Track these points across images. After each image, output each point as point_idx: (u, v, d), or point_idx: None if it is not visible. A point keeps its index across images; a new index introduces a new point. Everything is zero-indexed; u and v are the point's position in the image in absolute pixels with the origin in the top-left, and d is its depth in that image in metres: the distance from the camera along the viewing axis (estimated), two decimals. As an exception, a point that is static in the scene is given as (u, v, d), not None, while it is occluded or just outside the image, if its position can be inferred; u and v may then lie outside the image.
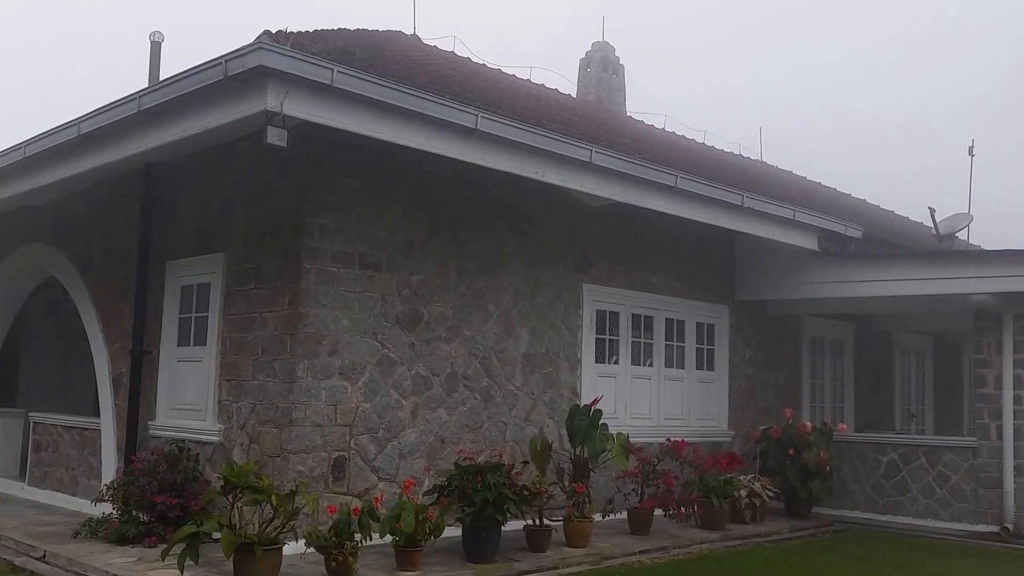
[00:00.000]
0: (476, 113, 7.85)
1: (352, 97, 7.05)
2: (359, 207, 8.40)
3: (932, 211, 14.75)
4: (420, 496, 7.76)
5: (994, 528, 10.58)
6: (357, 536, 6.84)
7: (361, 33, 10.65)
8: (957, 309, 11.45)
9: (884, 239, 13.84)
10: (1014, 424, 10.78)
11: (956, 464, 11.11)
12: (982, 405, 11.05)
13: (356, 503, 7.46)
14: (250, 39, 6.81)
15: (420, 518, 7.05)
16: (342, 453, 8.11)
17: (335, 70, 6.84)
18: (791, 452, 11.23)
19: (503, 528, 7.76)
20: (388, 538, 7.12)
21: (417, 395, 8.74)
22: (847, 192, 18.73)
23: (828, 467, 11.35)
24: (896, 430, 15.37)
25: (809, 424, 11.86)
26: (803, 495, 11.27)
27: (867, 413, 14.86)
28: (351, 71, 7.03)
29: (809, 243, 11.70)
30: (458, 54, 13.85)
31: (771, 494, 10.87)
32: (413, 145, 7.62)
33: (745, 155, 18.22)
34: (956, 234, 15.13)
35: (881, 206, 19.15)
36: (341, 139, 7.64)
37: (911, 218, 18.96)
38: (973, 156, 15.45)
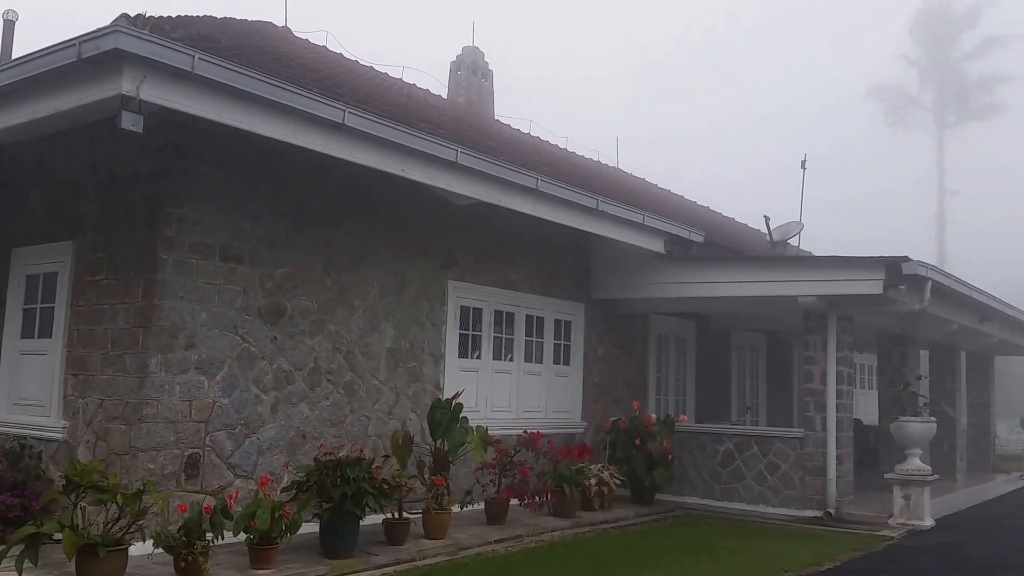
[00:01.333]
0: (344, 108, 7.52)
1: (214, 85, 6.59)
2: (221, 198, 7.91)
3: (767, 219, 15.35)
4: (278, 493, 7.39)
5: (818, 513, 11.08)
6: (209, 535, 6.42)
7: (228, 22, 10.08)
8: (788, 310, 11.88)
9: (724, 244, 14.30)
10: (837, 416, 11.31)
11: (785, 453, 11.57)
12: (809, 399, 11.54)
13: (209, 501, 7.00)
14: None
15: (276, 515, 6.69)
16: (196, 450, 7.61)
17: (196, 57, 6.37)
18: (637, 442, 11.43)
19: (362, 523, 7.48)
20: (243, 536, 6.73)
21: (278, 390, 8.33)
22: (693, 200, 19.32)
23: (670, 456, 11.61)
24: (732, 421, 15.95)
25: (654, 416, 12.12)
26: (647, 483, 11.49)
27: (707, 405, 15.33)
28: (213, 59, 6.57)
29: (656, 246, 11.92)
30: (330, 49, 13.38)
31: (618, 482, 11.02)
32: (279, 137, 7.22)
33: (603, 161, 18.50)
34: (788, 240, 15.80)
35: (723, 213, 19.86)
36: (203, 127, 7.14)
37: (750, 225, 19.73)
38: (805, 169, 16.17)
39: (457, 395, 9.07)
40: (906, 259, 10.59)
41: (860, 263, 10.81)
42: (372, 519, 7.73)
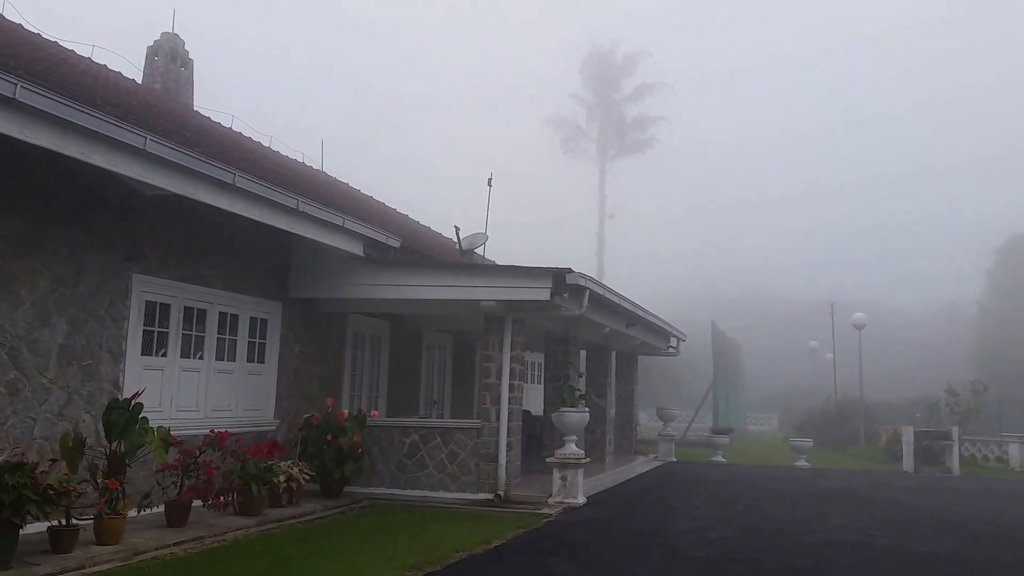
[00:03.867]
0: (16, 82, 6.54)
1: None
2: None
3: (457, 229, 15.88)
4: (-85, 503, 6.25)
5: (490, 496, 11.60)
6: None
7: None
8: (472, 312, 12.34)
9: (419, 249, 14.53)
10: (509, 408, 11.94)
11: (464, 443, 11.98)
12: (486, 393, 12.06)
13: None
14: None
15: (-89, 529, 5.65)
16: None
17: None
18: (329, 438, 11.22)
19: (27, 531, 6.57)
20: None
21: (-80, 388, 7.05)
22: (393, 207, 19.44)
23: (361, 450, 11.55)
24: (420, 415, 16.25)
25: (347, 412, 11.98)
26: (337, 476, 11.32)
27: (399, 401, 15.47)
28: None
29: (356, 249, 11.81)
30: (7, 18, 11.67)
31: (308, 477, 10.73)
32: (-71, 108, 6.12)
33: (308, 163, 18.00)
34: (475, 249, 16.45)
35: (420, 221, 20.20)
36: None
37: (443, 234, 20.26)
38: (491, 186, 16.92)
39: (137, 394, 8.25)
40: (569, 271, 11.45)
41: (532, 273, 11.51)
42: (37, 527, 6.82)
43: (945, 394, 27.39)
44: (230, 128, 15.52)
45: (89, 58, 12.92)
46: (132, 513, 7.97)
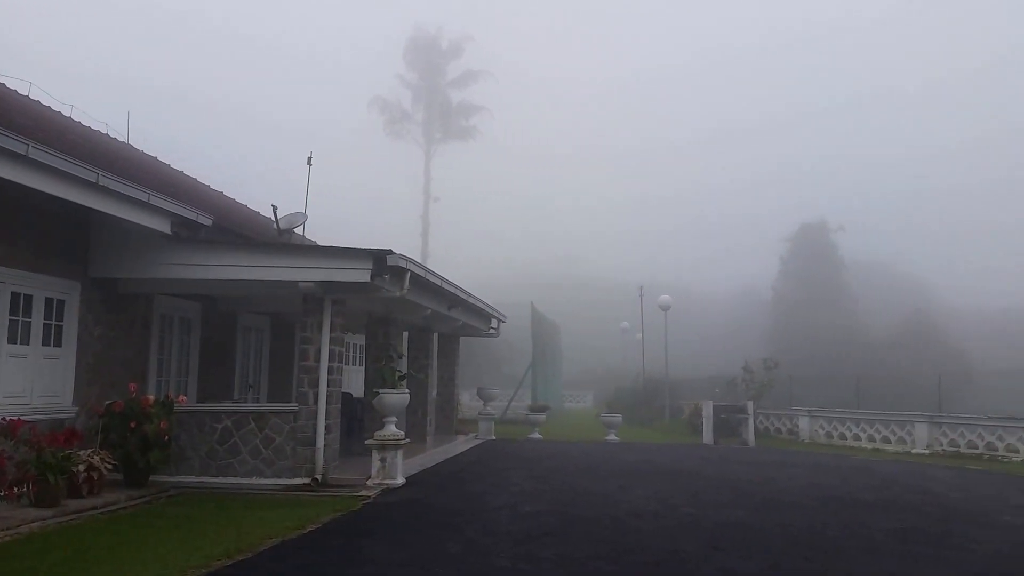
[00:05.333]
0: None
1: None
2: None
3: (274, 208, 15.50)
4: None
5: (307, 480, 11.55)
6: None
7: None
8: (290, 293, 12.16)
9: (235, 228, 14.10)
10: (328, 391, 11.91)
11: (280, 427, 11.84)
12: (304, 376, 11.96)
13: None
14: None
15: None
16: None
17: None
18: (133, 425, 10.75)
19: None
20: None
21: None
22: (207, 183, 18.60)
23: (167, 437, 11.14)
24: (234, 399, 15.79)
25: (152, 397, 11.49)
26: (142, 465, 10.87)
27: (211, 385, 14.96)
28: None
29: (163, 226, 11.31)
30: None
31: (110, 466, 10.25)
32: None
33: (113, 135, 16.85)
34: (295, 229, 16.14)
35: (237, 199, 19.45)
36: None
37: (263, 212, 19.63)
38: (311, 165, 16.64)
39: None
40: (390, 252, 11.56)
41: (353, 254, 11.52)
42: None
43: (742, 371, 29.87)
44: (26, 96, 14.27)
45: None
46: (-96, 512, 7.34)
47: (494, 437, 22.02)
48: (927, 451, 21.58)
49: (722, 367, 34.12)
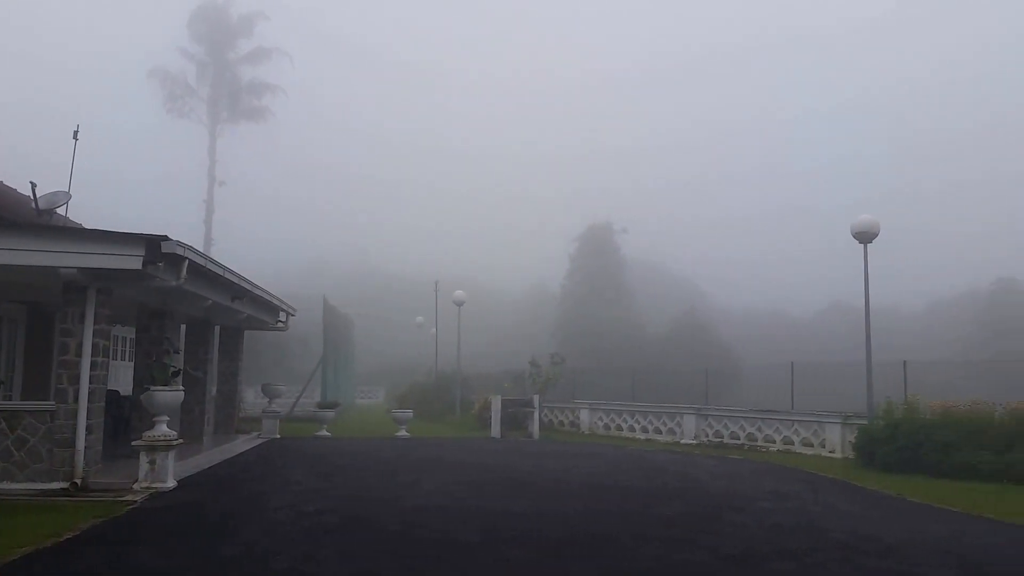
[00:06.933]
0: None
1: None
2: None
3: (33, 185, 14.11)
4: None
5: (65, 484, 10.63)
6: None
7: None
8: (49, 280, 11.15)
9: (-18, 206, 12.64)
10: (90, 388, 11.03)
11: (35, 427, 10.84)
12: (63, 371, 11.01)
13: None
14: None
15: None
16: None
17: None
18: None
19: None
20: None
21: None
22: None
23: None
24: (-21, 397, 14.19)
25: None
26: None
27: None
28: None
29: None
30: None
31: None
32: None
33: None
34: (56, 209, 14.76)
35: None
36: None
37: (20, 190, 17.76)
38: (77, 140, 15.30)
39: None
40: (166, 238, 10.86)
41: (122, 239, 10.71)
42: None
43: (529, 366, 30.91)
44: None
45: None
46: None
47: (279, 436, 21.31)
48: (695, 441, 23.41)
49: (514, 362, 35.13)
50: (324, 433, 23.33)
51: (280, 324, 21.36)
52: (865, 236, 18.29)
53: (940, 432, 15.78)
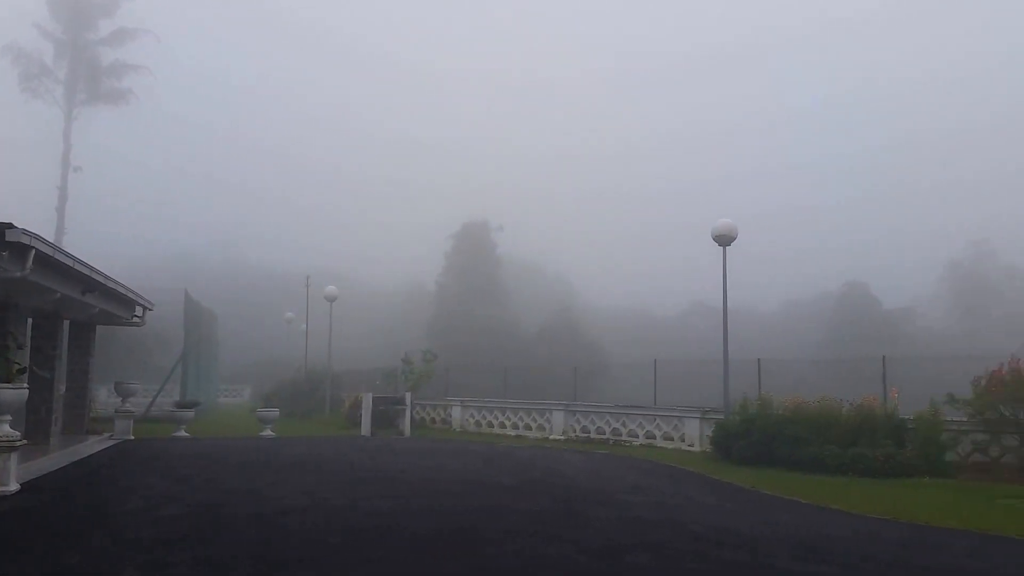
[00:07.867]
0: None
1: None
2: None
3: None
4: None
5: None
6: None
7: None
8: None
9: None
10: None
11: None
12: None
13: None
14: None
15: None
16: None
17: None
18: None
19: None
20: None
21: None
22: None
23: None
24: None
25: None
26: None
27: None
28: None
29: None
30: None
31: None
32: None
33: None
34: None
35: None
36: None
37: None
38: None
39: None
40: (10, 226, 10.16)
41: (-42, 227, 9.93)
42: None
43: (402, 363, 30.71)
44: None
45: None
46: None
47: (132, 437, 20.25)
48: (563, 437, 23.92)
49: (388, 359, 34.78)
50: (182, 434, 22.41)
51: (136, 319, 20.32)
52: (724, 239, 19.20)
53: (791, 427, 16.76)
